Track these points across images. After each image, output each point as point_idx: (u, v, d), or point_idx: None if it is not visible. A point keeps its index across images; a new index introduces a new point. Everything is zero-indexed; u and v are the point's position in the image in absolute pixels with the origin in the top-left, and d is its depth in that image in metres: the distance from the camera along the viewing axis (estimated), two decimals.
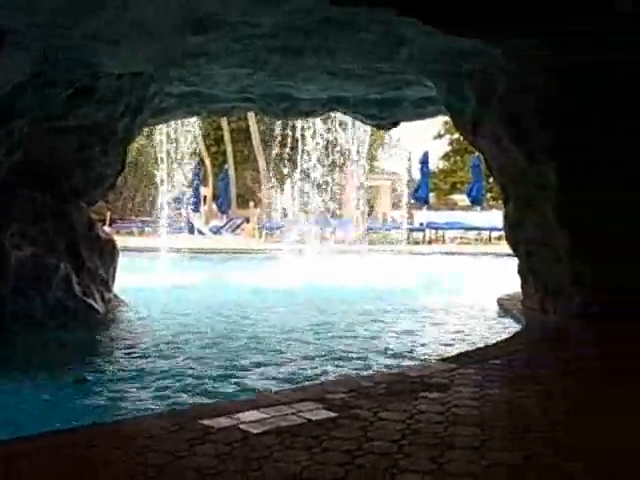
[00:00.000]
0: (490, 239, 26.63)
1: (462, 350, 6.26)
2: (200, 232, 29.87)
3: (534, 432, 3.70)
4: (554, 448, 3.47)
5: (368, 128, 17.84)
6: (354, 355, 6.54)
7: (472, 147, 10.08)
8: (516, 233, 8.41)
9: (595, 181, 7.13)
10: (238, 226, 32.87)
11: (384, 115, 9.85)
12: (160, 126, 16.73)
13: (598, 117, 7.08)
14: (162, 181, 17.41)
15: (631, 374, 5.07)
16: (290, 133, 20.54)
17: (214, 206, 39.66)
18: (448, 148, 53.30)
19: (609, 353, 5.90)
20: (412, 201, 30.24)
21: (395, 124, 10.96)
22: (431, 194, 41.45)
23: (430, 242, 27.21)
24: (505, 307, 8.91)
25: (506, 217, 8.61)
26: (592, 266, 7.35)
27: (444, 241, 27.66)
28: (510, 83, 7.42)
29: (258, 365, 6.02)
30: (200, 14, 5.95)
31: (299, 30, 6.66)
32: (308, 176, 22.50)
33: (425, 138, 50.92)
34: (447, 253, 21.61)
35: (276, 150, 22.57)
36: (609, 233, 7.17)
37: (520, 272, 8.58)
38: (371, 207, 23.90)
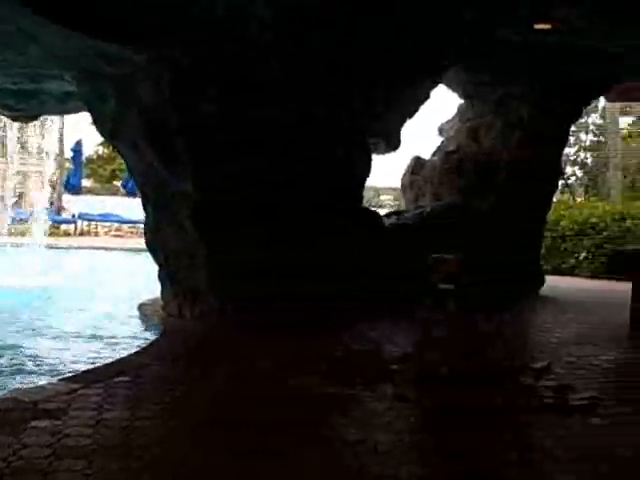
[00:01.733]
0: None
1: (91, 366, 5.85)
2: None
3: (142, 454, 3.69)
4: (175, 468, 3.49)
5: None
6: None
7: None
8: (155, 238, 8.37)
9: (231, 187, 7.42)
10: None
11: (21, 107, 9.15)
12: None
13: (240, 123, 7.32)
14: None
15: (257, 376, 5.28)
16: None
17: None
18: None
19: (248, 363, 5.85)
20: (64, 189, 28.79)
21: (35, 117, 10.30)
22: (90, 180, 39.81)
23: (82, 234, 26.16)
24: (145, 313, 8.60)
25: (146, 223, 8.55)
26: (229, 272, 7.60)
27: (97, 234, 26.75)
28: (152, 90, 7.37)
29: None
30: None
31: None
32: None
33: (82, 123, 48.80)
34: (97, 248, 20.75)
35: None
36: (243, 239, 7.51)
37: (160, 277, 8.55)
38: (19, 195, 22.11)
